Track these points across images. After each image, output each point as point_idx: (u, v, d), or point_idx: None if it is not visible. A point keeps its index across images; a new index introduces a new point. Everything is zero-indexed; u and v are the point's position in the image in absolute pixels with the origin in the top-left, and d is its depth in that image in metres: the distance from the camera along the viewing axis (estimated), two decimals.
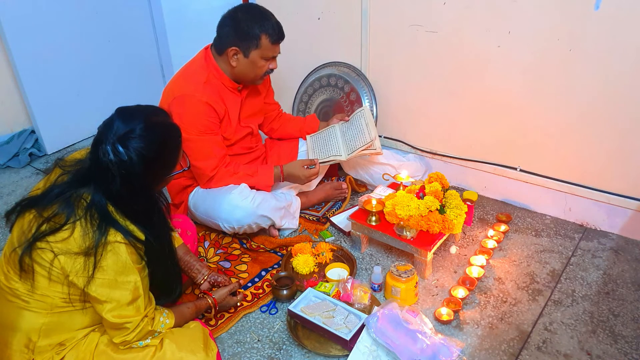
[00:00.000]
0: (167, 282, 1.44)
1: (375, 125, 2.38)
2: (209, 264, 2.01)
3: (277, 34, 1.92)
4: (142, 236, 1.27)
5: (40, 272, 1.22)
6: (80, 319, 1.29)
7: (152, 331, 1.31)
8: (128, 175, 1.23)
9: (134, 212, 1.28)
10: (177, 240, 1.67)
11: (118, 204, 1.25)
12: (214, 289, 1.68)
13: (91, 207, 1.22)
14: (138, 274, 1.25)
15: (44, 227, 1.21)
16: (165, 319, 1.35)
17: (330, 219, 2.25)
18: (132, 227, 1.26)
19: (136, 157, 1.22)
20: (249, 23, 1.87)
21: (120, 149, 1.21)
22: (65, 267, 1.20)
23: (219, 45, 1.94)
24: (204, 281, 1.68)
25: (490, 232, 2.11)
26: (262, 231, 2.13)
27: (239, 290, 1.81)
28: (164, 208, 1.45)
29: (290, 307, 1.70)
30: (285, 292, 1.80)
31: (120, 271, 1.23)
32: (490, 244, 2.04)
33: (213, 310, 1.59)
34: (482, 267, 1.92)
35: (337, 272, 1.92)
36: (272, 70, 2.01)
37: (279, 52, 1.99)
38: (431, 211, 1.91)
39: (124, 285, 1.23)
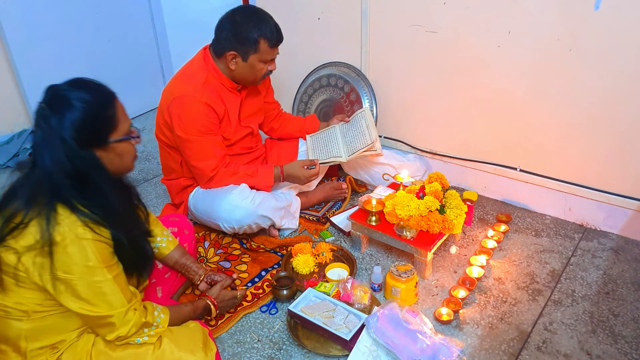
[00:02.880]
0: (138, 252, 1.35)
1: (375, 125, 2.38)
2: (209, 264, 2.01)
3: (275, 38, 1.91)
4: (107, 232, 1.21)
5: (7, 279, 1.18)
6: (70, 321, 1.26)
7: (147, 322, 1.27)
8: (71, 158, 1.18)
9: (92, 194, 1.21)
10: (173, 242, 1.66)
11: (74, 194, 1.19)
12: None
13: (48, 204, 1.17)
14: (105, 268, 1.20)
15: (3, 229, 1.17)
16: (160, 313, 1.33)
17: (330, 219, 2.25)
18: (93, 218, 1.19)
19: (68, 134, 1.20)
20: (247, 27, 1.86)
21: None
22: (29, 268, 1.16)
23: (218, 48, 1.93)
24: (201, 282, 1.67)
25: (490, 232, 2.11)
26: (262, 231, 2.13)
27: (240, 287, 1.81)
28: (129, 186, 1.41)
29: (290, 307, 1.70)
30: (285, 292, 1.80)
31: (86, 266, 1.17)
32: (490, 244, 2.04)
33: (213, 308, 1.57)
34: (482, 267, 1.92)
35: (337, 272, 1.92)
36: (270, 72, 2.01)
37: (278, 54, 1.99)
38: (431, 211, 1.91)
39: (91, 282, 1.18)
